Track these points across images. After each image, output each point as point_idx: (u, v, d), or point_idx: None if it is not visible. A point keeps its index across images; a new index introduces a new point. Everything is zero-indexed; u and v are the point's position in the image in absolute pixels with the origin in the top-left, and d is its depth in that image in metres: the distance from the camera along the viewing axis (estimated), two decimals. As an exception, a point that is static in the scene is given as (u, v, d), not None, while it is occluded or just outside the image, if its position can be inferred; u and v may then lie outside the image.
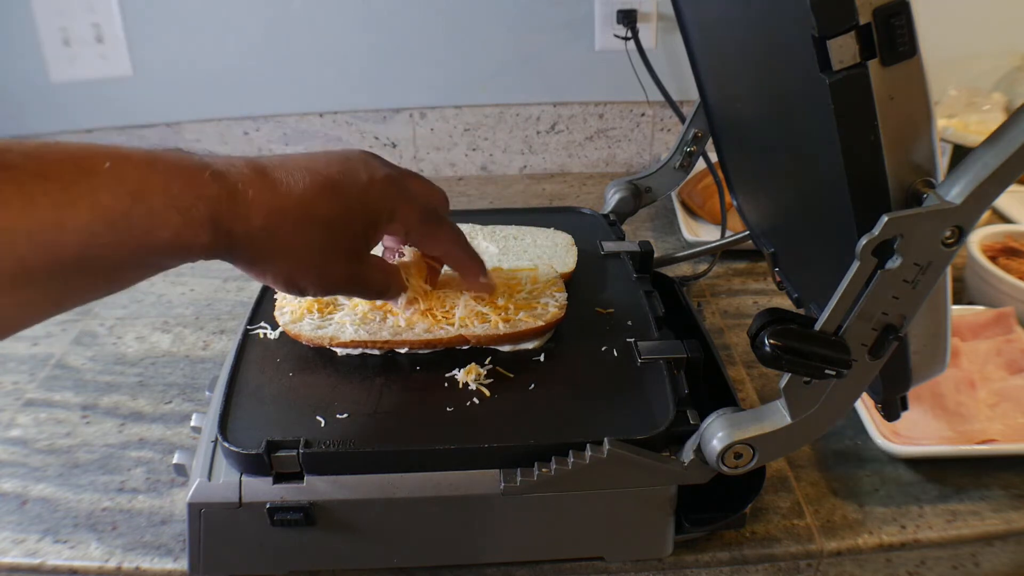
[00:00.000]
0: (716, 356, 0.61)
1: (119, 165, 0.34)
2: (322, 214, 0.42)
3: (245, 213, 0.39)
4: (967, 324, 0.71)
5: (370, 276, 0.47)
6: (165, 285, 0.88)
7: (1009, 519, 0.56)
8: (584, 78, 1.12)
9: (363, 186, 0.43)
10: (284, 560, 0.50)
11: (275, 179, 0.40)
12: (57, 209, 0.32)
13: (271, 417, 0.50)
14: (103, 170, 0.34)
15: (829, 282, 0.42)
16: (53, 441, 0.65)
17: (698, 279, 0.86)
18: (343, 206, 0.42)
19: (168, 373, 0.73)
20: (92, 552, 0.54)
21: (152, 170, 0.36)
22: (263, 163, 0.41)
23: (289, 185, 0.41)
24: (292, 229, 0.41)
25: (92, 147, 0.35)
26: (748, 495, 0.53)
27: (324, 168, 0.43)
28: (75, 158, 0.34)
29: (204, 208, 0.37)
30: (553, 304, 0.58)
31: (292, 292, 0.44)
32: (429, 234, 0.48)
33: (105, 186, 0.34)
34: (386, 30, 1.08)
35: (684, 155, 0.77)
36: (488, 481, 0.48)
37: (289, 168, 0.42)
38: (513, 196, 1.12)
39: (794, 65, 0.41)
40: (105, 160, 0.34)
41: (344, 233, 0.43)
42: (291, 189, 0.41)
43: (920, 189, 0.39)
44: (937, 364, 0.48)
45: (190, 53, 1.07)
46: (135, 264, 0.37)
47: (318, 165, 0.43)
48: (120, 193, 0.34)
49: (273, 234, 0.40)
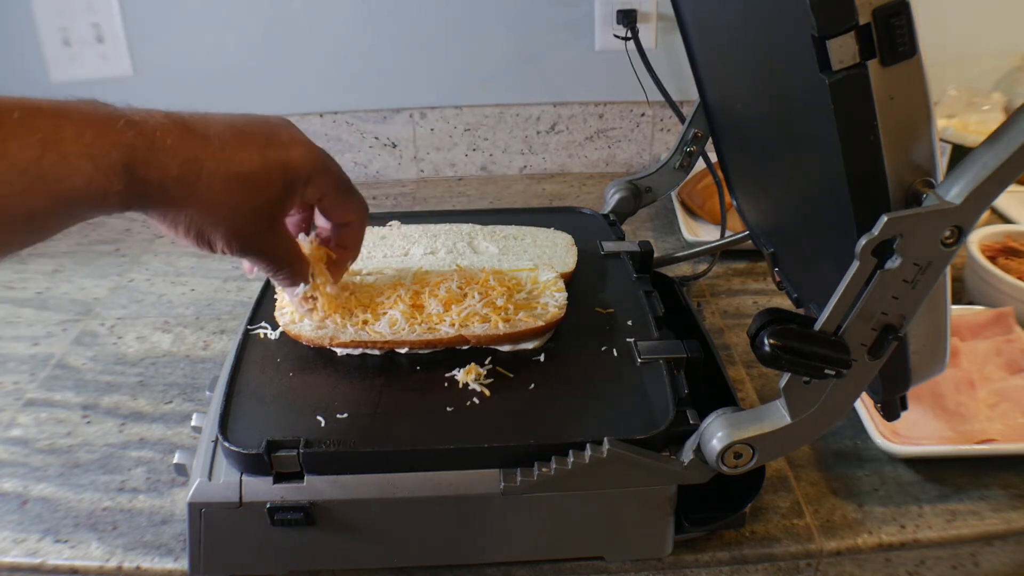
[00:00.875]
0: (716, 356, 0.61)
1: (29, 115, 0.34)
2: (241, 169, 0.41)
3: (162, 160, 0.38)
4: (967, 324, 0.71)
5: (279, 245, 0.47)
6: (165, 285, 0.88)
7: (1009, 519, 0.56)
8: (584, 78, 1.12)
9: (283, 146, 0.43)
10: (284, 560, 0.50)
11: (195, 130, 0.40)
12: None
13: (271, 417, 0.50)
14: (11, 120, 0.34)
15: (829, 282, 0.42)
16: (54, 441, 0.65)
17: (698, 279, 0.86)
18: (262, 163, 0.42)
19: (168, 373, 0.73)
20: (92, 552, 0.54)
21: (64, 119, 0.35)
22: (184, 116, 0.41)
23: (208, 137, 0.40)
24: (209, 180, 0.40)
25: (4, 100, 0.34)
26: (748, 495, 0.53)
27: (245, 125, 0.43)
28: None
29: (118, 156, 0.36)
30: (553, 304, 0.58)
31: (202, 246, 0.43)
32: (343, 202, 0.48)
33: (14, 135, 0.33)
34: (386, 30, 1.08)
35: (684, 155, 0.78)
36: (488, 481, 0.48)
37: (210, 122, 0.41)
38: (513, 196, 1.12)
39: (794, 65, 0.41)
40: (14, 111, 0.34)
41: (261, 191, 0.42)
42: (210, 141, 0.40)
43: (920, 189, 0.39)
44: (937, 364, 0.48)
45: (190, 53, 1.07)
46: (50, 213, 0.36)
47: (239, 123, 0.43)
48: (30, 142, 0.34)
49: (189, 184, 0.39)
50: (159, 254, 0.96)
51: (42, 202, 0.35)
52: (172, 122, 0.39)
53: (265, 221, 0.44)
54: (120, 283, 0.89)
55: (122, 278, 0.90)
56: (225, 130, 0.41)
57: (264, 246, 0.46)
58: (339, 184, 0.48)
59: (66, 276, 0.91)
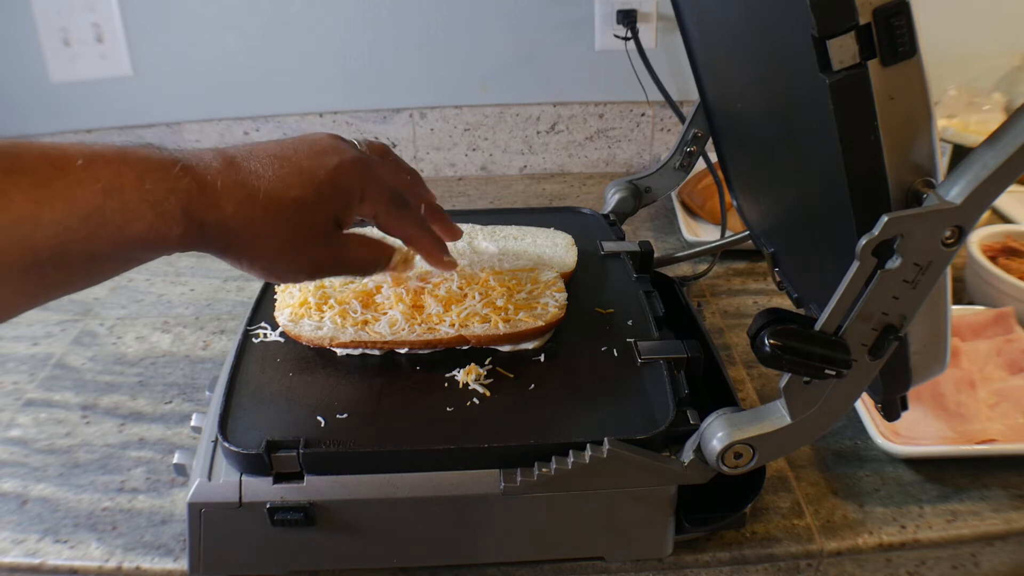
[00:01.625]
0: (716, 356, 0.61)
1: (92, 162, 0.35)
2: (293, 199, 0.42)
3: (216, 203, 0.39)
4: (967, 324, 0.71)
5: (351, 254, 0.48)
6: (165, 285, 0.88)
7: (1009, 519, 0.56)
8: (584, 78, 1.12)
9: (333, 169, 0.44)
10: (284, 560, 0.50)
11: (244, 168, 0.41)
12: (32, 205, 0.33)
13: (271, 417, 0.50)
14: (76, 167, 0.35)
15: (829, 282, 0.42)
16: (53, 441, 0.65)
17: (698, 279, 0.86)
18: (314, 190, 0.43)
19: (168, 373, 0.73)
20: (92, 552, 0.54)
21: (124, 166, 0.36)
22: (231, 153, 0.42)
23: (259, 173, 0.41)
24: (263, 216, 0.41)
25: (64, 145, 0.36)
26: (748, 495, 0.53)
27: (292, 154, 0.43)
28: (48, 156, 0.35)
29: (176, 201, 0.38)
30: (553, 304, 0.58)
31: (272, 279, 0.44)
32: (397, 216, 0.49)
33: (79, 183, 0.34)
34: (386, 30, 1.08)
35: (684, 155, 0.77)
36: (488, 481, 0.48)
37: (258, 156, 0.42)
38: (513, 196, 1.12)
39: (794, 65, 0.41)
40: (78, 158, 0.35)
41: (316, 217, 0.43)
42: (261, 177, 0.41)
43: (920, 189, 0.39)
44: (937, 364, 0.48)
45: (190, 53, 1.07)
46: (111, 257, 0.37)
47: (286, 152, 0.43)
48: (94, 190, 0.35)
49: (245, 222, 0.41)
50: (159, 254, 0.96)
51: (104, 247, 0.36)
52: (222, 163, 0.41)
53: (328, 241, 0.45)
54: (119, 283, 0.89)
55: (121, 278, 0.90)
56: (273, 159, 0.42)
57: (334, 263, 0.47)
58: (392, 199, 0.48)
59: (66, 276, 0.91)
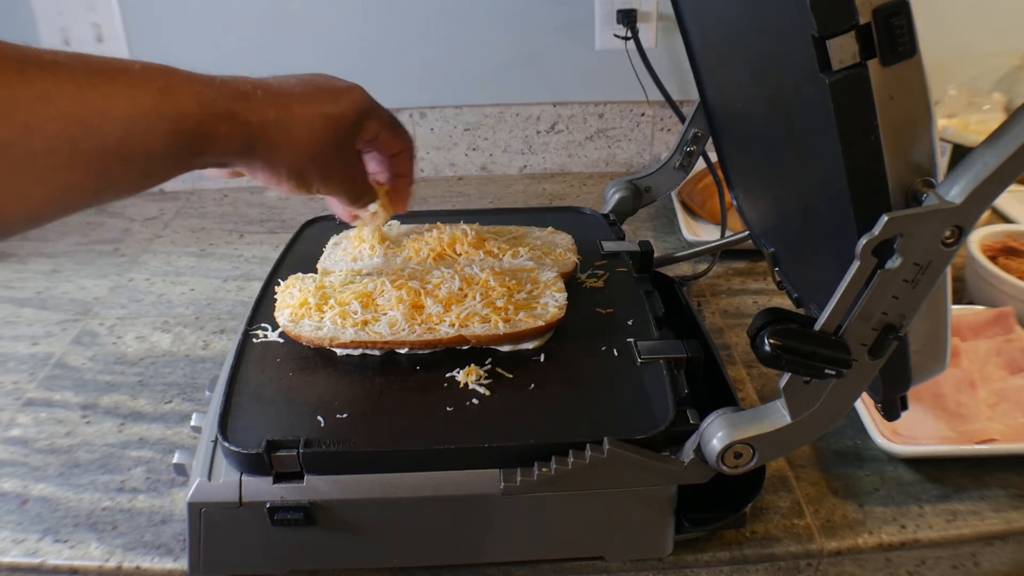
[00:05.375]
0: (716, 356, 0.61)
1: (148, 68, 0.40)
2: (324, 110, 0.48)
3: (259, 107, 0.45)
4: (967, 324, 0.71)
5: (354, 171, 0.53)
6: (165, 285, 0.88)
7: (1009, 519, 0.56)
8: (584, 78, 1.12)
9: (345, 89, 0.51)
10: (284, 560, 0.50)
11: (275, 86, 0.47)
12: (103, 99, 0.38)
13: (271, 417, 0.50)
14: (136, 70, 0.40)
15: (829, 282, 0.42)
16: (53, 441, 0.65)
17: (698, 279, 0.86)
18: (335, 102, 0.49)
19: (168, 373, 0.73)
20: (92, 552, 0.54)
21: (174, 75, 0.41)
22: (260, 78, 0.47)
23: (288, 90, 0.47)
24: (300, 121, 0.47)
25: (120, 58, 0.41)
26: (748, 495, 0.53)
27: (312, 79, 0.50)
28: (111, 61, 0.40)
29: (223, 103, 0.43)
30: (553, 304, 0.58)
31: (299, 186, 0.49)
32: (394, 134, 0.55)
33: (140, 83, 0.39)
34: (386, 30, 1.08)
35: (684, 155, 0.77)
36: (488, 481, 0.48)
37: (283, 79, 0.49)
38: (513, 196, 1.12)
39: (794, 65, 0.41)
40: (136, 64, 0.40)
41: (340, 125, 0.49)
42: (291, 93, 0.47)
43: (920, 189, 0.39)
44: (937, 364, 0.48)
45: (190, 53, 1.07)
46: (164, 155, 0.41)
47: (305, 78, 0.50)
48: (151, 89, 0.40)
49: (285, 126, 0.46)
50: (158, 254, 0.96)
51: (160, 145, 0.40)
52: (256, 81, 0.46)
53: (349, 151, 0.51)
54: (119, 283, 0.89)
55: (121, 278, 0.90)
56: (298, 82, 0.49)
57: (348, 176, 0.53)
58: (390, 119, 0.55)
59: (65, 276, 0.91)
